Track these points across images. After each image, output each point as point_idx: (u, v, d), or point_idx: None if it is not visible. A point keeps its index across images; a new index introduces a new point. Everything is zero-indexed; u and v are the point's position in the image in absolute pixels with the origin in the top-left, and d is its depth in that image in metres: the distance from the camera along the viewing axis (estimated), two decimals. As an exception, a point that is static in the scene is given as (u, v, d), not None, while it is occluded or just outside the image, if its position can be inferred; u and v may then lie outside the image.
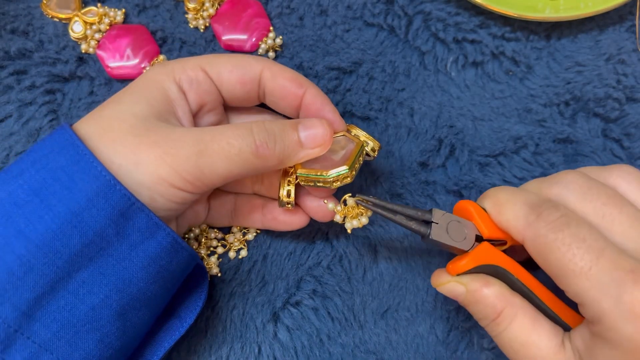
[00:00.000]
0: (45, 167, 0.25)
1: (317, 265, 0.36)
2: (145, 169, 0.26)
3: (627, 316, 0.22)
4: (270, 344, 0.34)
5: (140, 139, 0.26)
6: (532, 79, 0.39)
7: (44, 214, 0.24)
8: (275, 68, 0.31)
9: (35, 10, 0.40)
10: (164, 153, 0.26)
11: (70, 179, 0.25)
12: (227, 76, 0.31)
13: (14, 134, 0.37)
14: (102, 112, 0.28)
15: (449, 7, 0.40)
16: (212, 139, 0.27)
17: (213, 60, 0.31)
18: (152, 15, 0.40)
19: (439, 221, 0.28)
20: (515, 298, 0.27)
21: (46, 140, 0.27)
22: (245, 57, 0.31)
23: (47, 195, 0.25)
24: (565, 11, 0.38)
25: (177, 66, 0.30)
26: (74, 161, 0.25)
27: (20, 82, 0.38)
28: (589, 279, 0.23)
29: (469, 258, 0.28)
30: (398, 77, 0.39)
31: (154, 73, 0.30)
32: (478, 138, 0.38)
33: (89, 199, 0.25)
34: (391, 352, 0.34)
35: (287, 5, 0.41)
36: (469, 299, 0.28)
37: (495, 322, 0.27)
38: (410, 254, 0.36)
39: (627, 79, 0.39)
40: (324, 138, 0.29)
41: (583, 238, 0.24)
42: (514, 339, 0.27)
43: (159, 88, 0.29)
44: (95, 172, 0.25)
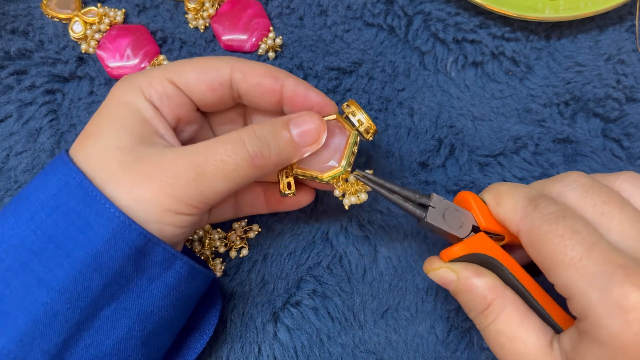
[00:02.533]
0: (57, 210, 0.25)
1: (317, 265, 0.36)
2: (148, 205, 0.25)
3: (615, 310, 0.21)
4: (270, 344, 0.34)
5: (133, 175, 0.26)
6: (532, 79, 0.39)
7: (63, 261, 0.24)
8: (245, 67, 0.29)
9: (35, 10, 0.40)
10: (163, 185, 0.25)
11: (85, 223, 0.25)
12: (194, 84, 0.29)
13: (14, 134, 0.37)
14: (87, 150, 0.27)
15: (449, 7, 0.40)
16: (205, 160, 0.26)
17: (178, 69, 0.29)
18: (152, 16, 0.40)
19: (436, 206, 0.28)
20: (507, 291, 0.27)
21: (50, 176, 0.26)
22: (210, 61, 0.29)
23: (63, 240, 0.24)
24: (565, 11, 0.38)
25: (143, 81, 0.28)
26: (85, 204, 0.25)
27: (20, 82, 0.38)
28: (579, 270, 0.23)
29: (463, 244, 0.28)
30: (398, 77, 0.39)
31: (122, 93, 0.28)
32: (478, 138, 0.38)
33: (106, 241, 0.25)
34: (391, 352, 0.34)
35: (287, 5, 0.41)
36: (459, 288, 0.28)
37: (483, 314, 0.27)
38: (410, 254, 0.36)
39: (627, 79, 0.39)
40: (318, 133, 0.28)
41: (577, 231, 0.24)
42: (501, 332, 0.26)
43: (133, 111, 0.28)
44: (109, 214, 0.25)
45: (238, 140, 0.27)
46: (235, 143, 0.27)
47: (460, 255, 0.28)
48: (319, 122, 0.29)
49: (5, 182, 0.37)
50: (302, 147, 0.29)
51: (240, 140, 0.27)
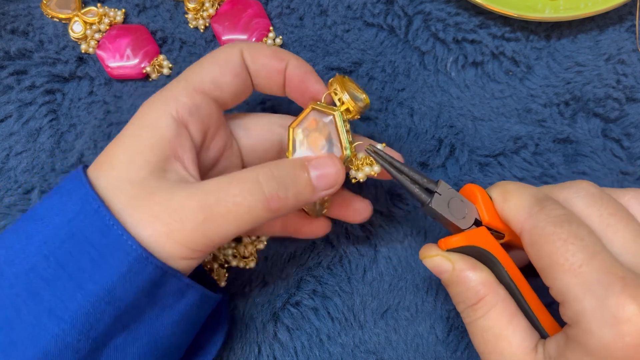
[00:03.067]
0: (71, 237, 0.24)
1: (317, 266, 0.36)
2: (155, 245, 0.25)
3: (608, 320, 0.21)
4: (270, 344, 0.34)
5: (142, 214, 0.25)
6: (532, 79, 0.39)
7: (75, 293, 0.23)
8: (253, 47, 0.29)
9: (35, 10, 0.40)
10: (169, 230, 0.24)
11: (100, 255, 0.24)
12: (221, 78, 0.28)
13: (14, 134, 0.37)
14: (102, 177, 0.26)
15: (449, 7, 0.40)
16: (217, 201, 0.25)
17: (199, 74, 0.28)
18: (152, 15, 0.40)
19: (442, 193, 0.28)
20: (500, 289, 0.27)
21: (66, 197, 0.25)
22: (220, 52, 0.29)
23: (76, 271, 0.24)
24: (565, 11, 0.38)
25: (168, 96, 0.27)
26: (102, 234, 0.24)
27: (20, 82, 0.38)
28: (577, 276, 0.23)
29: (463, 235, 0.27)
30: (398, 77, 0.39)
31: (144, 113, 0.27)
32: (478, 138, 0.38)
33: (122, 275, 0.24)
34: (391, 352, 0.34)
35: (287, 5, 0.41)
36: (452, 279, 0.27)
37: (473, 308, 0.27)
38: (410, 254, 0.36)
39: (627, 79, 0.39)
40: (337, 177, 0.27)
41: (581, 237, 0.23)
42: (488, 328, 0.26)
43: (154, 133, 0.26)
44: (126, 247, 0.24)
45: (254, 179, 0.25)
46: (251, 183, 0.25)
47: (459, 246, 0.27)
48: (339, 166, 0.27)
49: (5, 182, 0.37)
50: (320, 191, 0.27)
51: (257, 180, 0.25)
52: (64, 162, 0.37)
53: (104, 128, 0.38)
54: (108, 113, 0.38)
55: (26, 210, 0.36)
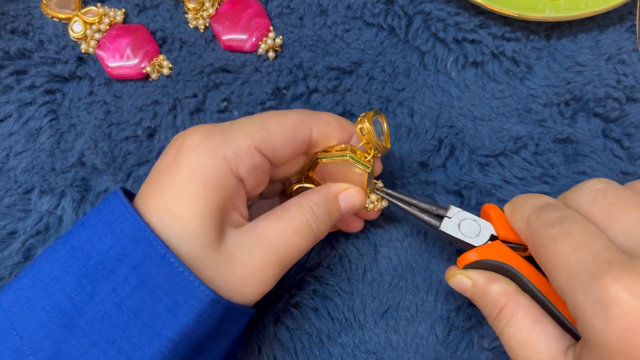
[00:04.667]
0: (142, 285, 0.24)
1: (318, 266, 0.36)
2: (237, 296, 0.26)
3: (596, 307, 0.21)
4: (270, 344, 0.34)
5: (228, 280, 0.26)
6: (532, 79, 0.39)
7: (152, 339, 0.24)
8: (323, 124, 0.30)
9: (35, 10, 0.40)
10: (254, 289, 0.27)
11: (173, 302, 0.24)
12: (281, 150, 0.29)
13: (14, 134, 0.37)
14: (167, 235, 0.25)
15: (449, 7, 0.40)
16: (286, 254, 0.28)
17: (265, 136, 0.28)
18: (152, 15, 0.40)
19: (452, 216, 0.30)
20: (520, 296, 0.27)
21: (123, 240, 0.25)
22: (291, 121, 0.29)
23: (151, 318, 0.24)
24: (565, 11, 0.38)
25: (229, 152, 0.27)
26: (173, 281, 0.24)
27: (20, 82, 0.38)
28: (566, 270, 0.22)
29: (477, 250, 0.28)
30: (398, 77, 0.39)
31: (206, 165, 0.26)
32: (478, 138, 0.38)
33: (195, 320, 0.25)
34: (391, 352, 0.34)
35: (287, 5, 0.41)
36: (475, 294, 0.28)
37: (497, 319, 0.27)
38: (410, 254, 0.36)
39: (627, 79, 0.39)
40: (359, 206, 0.31)
41: (570, 232, 0.23)
42: (512, 336, 0.26)
43: (221, 190, 0.27)
44: (199, 292, 0.24)
45: (306, 224, 0.29)
46: (306, 229, 0.28)
47: (474, 261, 0.28)
48: (363, 197, 0.31)
49: (5, 182, 0.37)
50: (344, 214, 0.31)
51: (308, 224, 0.29)
52: (64, 162, 0.37)
53: (104, 128, 0.38)
54: (108, 113, 0.38)
55: (27, 211, 0.36)
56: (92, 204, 0.36)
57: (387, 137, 0.31)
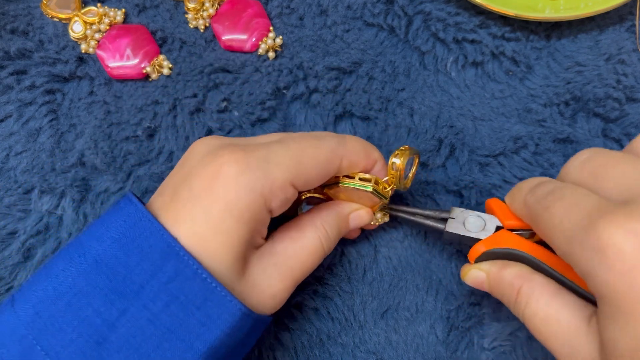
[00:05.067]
0: (175, 301, 0.25)
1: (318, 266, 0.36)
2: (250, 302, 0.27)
3: (595, 256, 0.20)
4: (270, 344, 0.34)
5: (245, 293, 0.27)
6: (532, 79, 0.39)
7: (185, 353, 0.24)
8: (353, 156, 0.30)
9: (35, 10, 0.40)
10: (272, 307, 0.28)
11: (205, 316, 0.25)
12: (312, 182, 0.29)
13: (14, 134, 0.37)
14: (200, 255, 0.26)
15: (449, 7, 0.40)
16: (301, 274, 0.29)
17: (300, 171, 0.28)
18: (152, 15, 0.40)
19: (456, 217, 0.30)
20: (535, 275, 0.27)
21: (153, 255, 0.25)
22: (326, 154, 0.29)
23: (183, 333, 0.25)
24: (565, 11, 0.38)
25: (266, 188, 0.27)
26: (204, 296, 0.25)
27: (20, 82, 0.38)
28: (562, 231, 0.22)
29: (484, 241, 0.29)
30: (398, 77, 0.39)
31: (244, 204, 0.26)
32: (478, 138, 0.38)
33: (227, 333, 0.25)
34: (391, 352, 0.34)
35: (287, 5, 0.41)
36: (491, 284, 0.28)
37: (516, 302, 0.27)
38: (410, 254, 0.36)
39: (627, 79, 0.39)
40: (365, 224, 0.33)
41: (561, 197, 0.23)
42: (533, 315, 0.26)
43: (253, 224, 0.27)
44: (231, 307, 0.25)
45: (319, 246, 0.30)
46: (319, 251, 0.30)
47: (484, 252, 0.29)
48: (371, 217, 0.33)
49: (5, 182, 0.37)
50: (351, 230, 0.33)
51: (321, 246, 0.30)
52: (64, 162, 0.37)
53: (104, 128, 0.38)
54: (108, 113, 0.38)
55: (27, 211, 0.36)
56: (92, 204, 0.36)
57: (412, 177, 0.32)
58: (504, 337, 0.34)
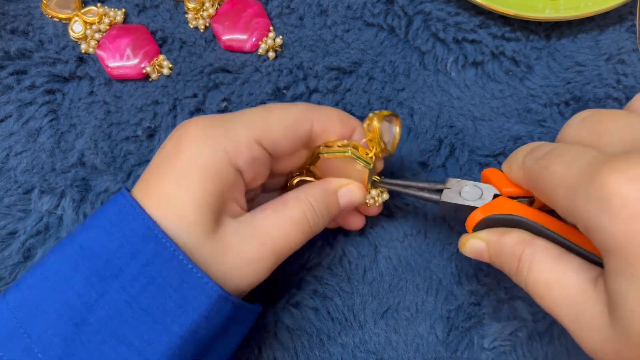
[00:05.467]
0: (152, 283, 0.25)
1: (317, 266, 0.36)
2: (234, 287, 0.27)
3: (599, 206, 0.19)
4: (270, 344, 0.34)
5: (219, 265, 0.26)
6: (532, 79, 0.39)
7: (162, 335, 0.25)
8: (324, 119, 0.30)
9: (35, 10, 0.40)
10: (249, 279, 0.27)
11: (182, 297, 0.25)
12: (281, 144, 0.29)
13: (14, 134, 0.37)
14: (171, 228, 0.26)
15: (449, 7, 0.40)
16: (283, 246, 0.28)
17: (265, 128, 0.28)
18: (152, 15, 0.40)
19: (452, 187, 0.30)
20: (536, 240, 0.25)
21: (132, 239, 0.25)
22: (294, 114, 0.29)
23: (160, 315, 0.25)
24: (565, 11, 0.38)
25: (229, 144, 0.27)
26: (181, 278, 0.25)
27: (20, 82, 0.38)
28: (564, 188, 0.21)
29: (481, 208, 0.28)
30: (398, 77, 0.39)
31: (205, 156, 0.27)
32: (478, 138, 0.38)
33: (204, 316, 0.25)
34: (391, 352, 0.34)
35: (287, 5, 0.41)
36: (491, 253, 0.27)
37: (518, 270, 0.25)
38: (410, 254, 0.36)
39: (627, 79, 0.39)
40: (360, 202, 0.32)
41: (560, 154, 0.23)
42: (536, 282, 0.24)
43: (217, 181, 0.27)
44: (207, 289, 0.25)
45: (303, 219, 0.29)
46: (303, 223, 0.29)
47: (481, 219, 0.28)
48: (363, 193, 0.32)
49: (5, 182, 0.37)
50: (343, 210, 0.32)
51: (305, 219, 0.29)
52: (64, 162, 0.37)
53: (104, 128, 0.38)
54: (108, 113, 0.38)
55: (27, 211, 0.36)
56: (92, 204, 0.36)
57: (395, 141, 0.31)
58: (504, 337, 0.34)
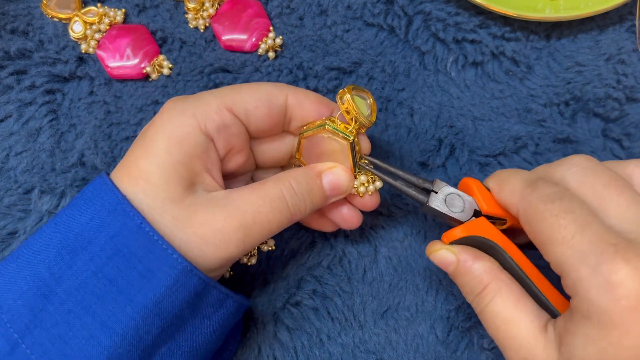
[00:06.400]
0: (118, 254, 0.25)
1: (317, 265, 0.36)
2: (200, 260, 0.26)
3: (603, 286, 0.22)
4: (270, 344, 0.34)
5: (189, 235, 0.26)
6: (532, 79, 0.39)
7: (126, 306, 0.25)
8: (300, 94, 0.30)
9: (35, 10, 0.40)
10: (215, 249, 0.26)
11: (147, 269, 0.25)
12: (254, 112, 0.29)
13: (14, 134, 0.37)
14: (138, 197, 0.26)
15: (449, 7, 0.40)
16: (253, 220, 0.27)
17: (236, 97, 0.29)
18: (152, 15, 0.40)
19: (438, 191, 0.30)
20: (503, 274, 0.28)
21: (102, 213, 0.25)
22: (265, 87, 0.30)
23: (125, 285, 0.25)
24: (565, 11, 0.38)
25: (199, 110, 0.28)
26: (147, 249, 0.25)
27: (20, 82, 0.38)
28: (570, 247, 0.23)
29: (463, 227, 0.29)
30: (398, 77, 0.39)
31: (175, 124, 0.27)
32: (478, 138, 0.38)
33: (168, 288, 0.25)
34: (391, 352, 0.34)
35: (287, 5, 0.41)
36: (458, 270, 0.28)
37: (480, 296, 0.27)
38: (410, 254, 0.36)
39: (627, 79, 0.39)
40: (347, 187, 0.30)
41: (572, 210, 0.24)
42: (495, 314, 0.27)
43: (186, 148, 0.27)
44: (172, 260, 0.25)
45: (280, 197, 0.28)
46: (279, 201, 0.28)
47: (460, 237, 0.29)
48: (350, 177, 0.30)
49: (5, 182, 0.37)
50: (331, 198, 0.31)
51: (283, 198, 0.28)
52: (64, 162, 0.37)
53: (104, 128, 0.38)
54: (108, 113, 0.38)
55: (27, 211, 0.36)
56: (92, 204, 0.36)
57: (373, 111, 0.31)
58: (504, 337, 0.34)
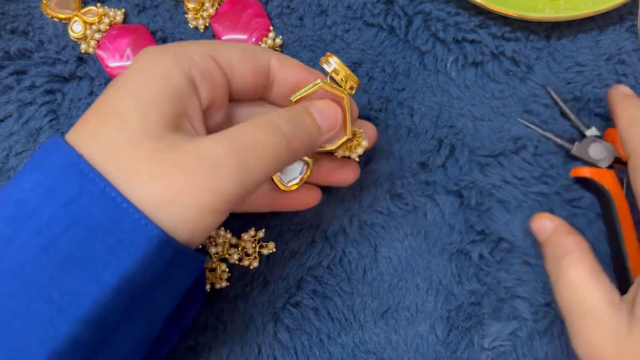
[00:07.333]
0: (76, 224, 0.21)
1: (317, 265, 0.36)
2: (186, 203, 0.22)
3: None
4: (270, 344, 0.34)
5: (168, 167, 0.22)
6: (532, 79, 0.39)
7: (90, 286, 0.21)
8: (283, 57, 0.29)
9: (35, 10, 0.40)
10: (203, 178, 0.22)
11: (116, 241, 0.21)
12: (238, 66, 0.27)
13: (14, 134, 0.37)
14: (109, 135, 0.22)
15: (449, 7, 0.40)
16: (245, 145, 0.23)
17: (220, 48, 0.27)
18: (152, 15, 0.40)
19: (588, 135, 0.36)
20: (590, 253, 0.29)
21: (51, 176, 0.21)
22: (252, 46, 0.29)
23: (88, 262, 0.21)
24: (565, 11, 0.38)
25: (181, 53, 0.25)
26: (114, 217, 0.21)
27: (20, 82, 0.38)
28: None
29: (593, 170, 0.34)
30: (398, 77, 0.39)
31: (153, 63, 0.24)
32: (478, 138, 0.38)
33: (140, 263, 0.21)
34: (391, 352, 0.34)
35: (287, 5, 0.41)
36: (550, 238, 0.31)
37: (564, 258, 0.29)
38: (410, 254, 0.36)
39: (627, 79, 0.39)
40: (336, 117, 0.28)
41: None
42: (571, 281, 0.28)
43: (166, 85, 0.24)
44: (146, 232, 0.21)
45: (271, 122, 0.25)
46: (271, 125, 0.25)
47: (585, 177, 0.34)
48: (336, 107, 0.29)
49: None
50: (325, 132, 0.28)
51: (274, 123, 0.25)
52: (64, 162, 0.37)
53: (104, 128, 0.38)
54: (108, 113, 0.38)
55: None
56: (92, 204, 0.36)
57: (350, 73, 0.30)
58: (504, 337, 0.34)
